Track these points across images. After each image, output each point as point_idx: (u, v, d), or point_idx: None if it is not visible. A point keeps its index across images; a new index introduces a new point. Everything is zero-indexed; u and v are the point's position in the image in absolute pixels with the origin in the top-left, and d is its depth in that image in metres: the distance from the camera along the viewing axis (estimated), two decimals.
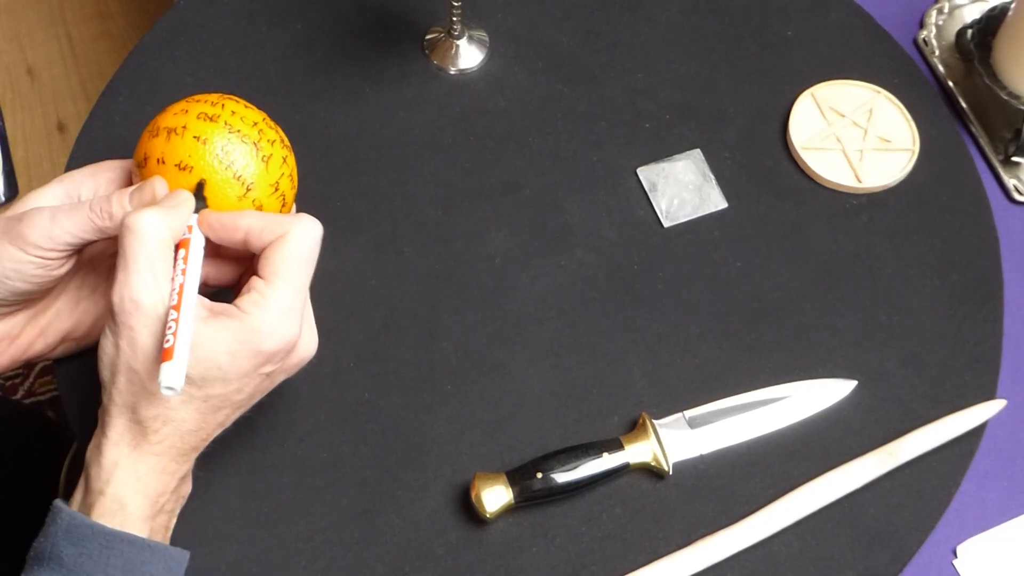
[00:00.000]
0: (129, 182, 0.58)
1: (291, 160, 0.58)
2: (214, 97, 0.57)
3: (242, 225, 0.53)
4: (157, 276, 0.50)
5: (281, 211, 0.57)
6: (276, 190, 0.56)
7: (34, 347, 0.59)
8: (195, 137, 0.54)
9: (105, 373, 0.51)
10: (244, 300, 0.51)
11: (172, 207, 0.52)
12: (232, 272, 0.57)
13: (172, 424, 0.51)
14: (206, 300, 0.52)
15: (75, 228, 0.53)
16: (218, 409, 0.52)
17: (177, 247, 0.52)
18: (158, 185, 0.53)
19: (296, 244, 0.52)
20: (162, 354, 0.48)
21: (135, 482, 0.51)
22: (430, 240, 0.71)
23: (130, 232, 0.50)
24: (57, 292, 0.59)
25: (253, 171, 0.55)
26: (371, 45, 0.78)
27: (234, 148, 0.55)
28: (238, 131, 0.55)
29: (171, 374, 0.47)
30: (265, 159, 0.56)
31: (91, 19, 1.63)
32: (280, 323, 0.51)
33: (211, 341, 0.50)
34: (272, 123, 0.58)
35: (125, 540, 0.50)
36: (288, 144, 0.59)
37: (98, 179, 0.58)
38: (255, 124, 0.56)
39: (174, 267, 0.51)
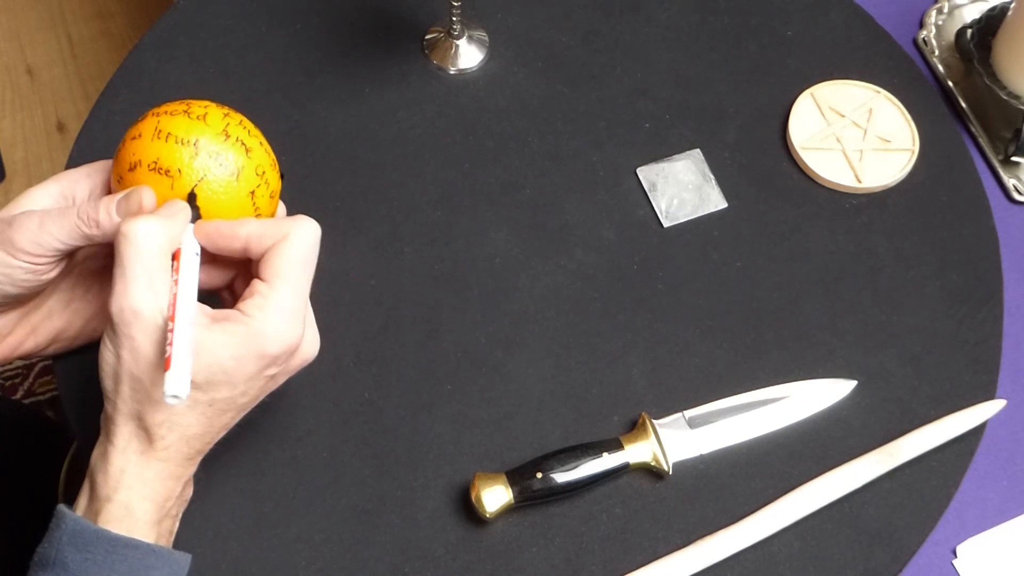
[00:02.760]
0: None
1: (261, 154, 0.57)
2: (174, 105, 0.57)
3: (240, 233, 0.53)
4: (155, 285, 0.50)
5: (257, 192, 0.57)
6: (258, 175, 0.56)
7: (24, 345, 0.59)
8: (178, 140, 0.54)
9: (107, 383, 0.51)
10: (246, 304, 0.51)
11: (169, 215, 0.52)
12: (223, 276, 0.57)
13: (178, 430, 0.51)
14: (207, 307, 0.51)
15: (62, 234, 0.53)
16: (223, 412, 0.52)
17: (172, 257, 0.52)
18: (145, 193, 0.53)
19: (296, 246, 0.52)
20: (164, 364, 0.48)
21: (142, 488, 0.51)
22: (430, 240, 0.71)
23: (127, 241, 0.50)
24: (49, 292, 0.59)
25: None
26: (371, 45, 0.78)
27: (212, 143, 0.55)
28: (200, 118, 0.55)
29: (173, 383, 0.46)
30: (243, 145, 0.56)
31: (91, 19, 1.63)
32: (283, 325, 0.51)
33: (215, 346, 0.50)
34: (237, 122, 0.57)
35: (129, 545, 0.50)
36: (262, 145, 0.58)
37: (94, 180, 0.58)
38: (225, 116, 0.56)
39: (171, 276, 0.51)
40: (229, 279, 0.57)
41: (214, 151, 0.54)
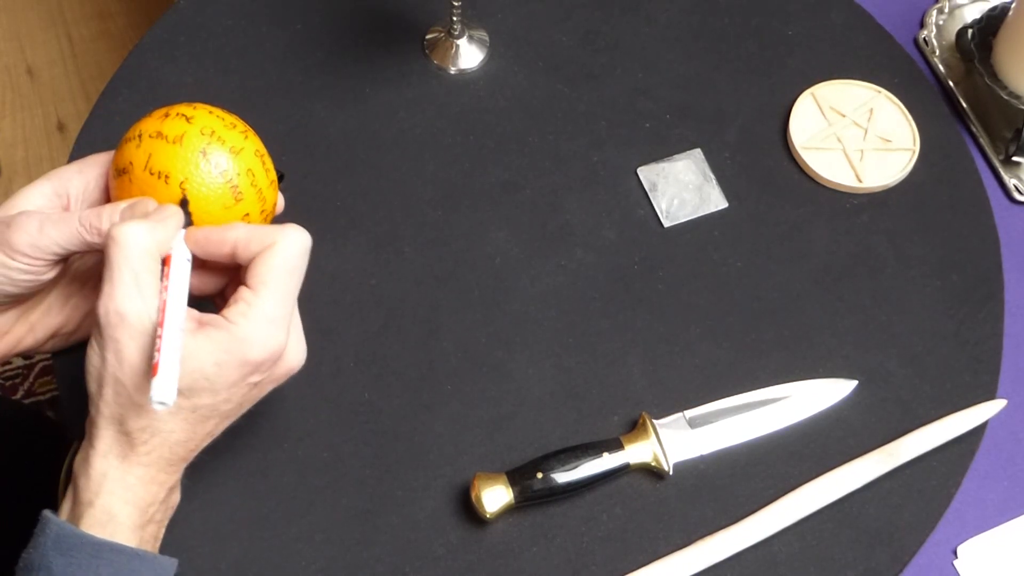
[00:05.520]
0: None
1: (250, 158, 0.57)
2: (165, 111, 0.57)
3: (229, 239, 0.52)
4: (142, 288, 0.49)
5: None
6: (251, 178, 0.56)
7: (23, 342, 0.59)
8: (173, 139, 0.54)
9: (92, 385, 0.51)
10: (231, 310, 0.51)
11: (159, 220, 0.52)
12: (215, 282, 0.57)
13: (160, 435, 0.51)
14: (193, 311, 0.51)
15: (62, 239, 0.53)
16: (206, 419, 0.52)
17: (163, 262, 0.52)
18: (150, 204, 0.53)
19: (283, 253, 0.52)
20: (151, 369, 0.48)
21: (124, 492, 0.50)
22: (430, 240, 0.71)
23: (115, 243, 0.50)
24: (47, 289, 0.59)
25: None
26: (371, 45, 0.78)
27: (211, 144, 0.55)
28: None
29: (159, 389, 0.46)
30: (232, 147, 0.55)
31: (91, 19, 1.63)
32: (267, 332, 0.51)
33: (198, 352, 0.50)
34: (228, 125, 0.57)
35: (114, 549, 0.49)
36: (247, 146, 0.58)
37: (86, 175, 0.57)
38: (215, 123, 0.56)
39: (160, 282, 0.51)
40: (221, 286, 0.57)
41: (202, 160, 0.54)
